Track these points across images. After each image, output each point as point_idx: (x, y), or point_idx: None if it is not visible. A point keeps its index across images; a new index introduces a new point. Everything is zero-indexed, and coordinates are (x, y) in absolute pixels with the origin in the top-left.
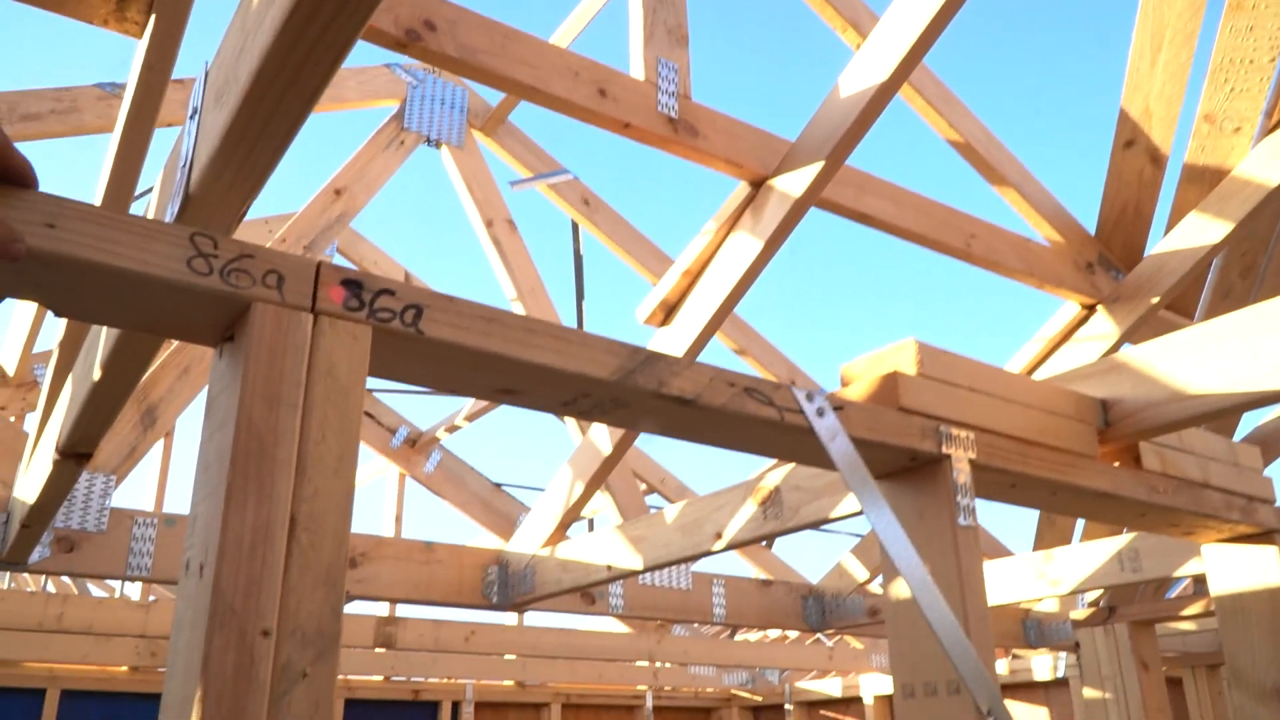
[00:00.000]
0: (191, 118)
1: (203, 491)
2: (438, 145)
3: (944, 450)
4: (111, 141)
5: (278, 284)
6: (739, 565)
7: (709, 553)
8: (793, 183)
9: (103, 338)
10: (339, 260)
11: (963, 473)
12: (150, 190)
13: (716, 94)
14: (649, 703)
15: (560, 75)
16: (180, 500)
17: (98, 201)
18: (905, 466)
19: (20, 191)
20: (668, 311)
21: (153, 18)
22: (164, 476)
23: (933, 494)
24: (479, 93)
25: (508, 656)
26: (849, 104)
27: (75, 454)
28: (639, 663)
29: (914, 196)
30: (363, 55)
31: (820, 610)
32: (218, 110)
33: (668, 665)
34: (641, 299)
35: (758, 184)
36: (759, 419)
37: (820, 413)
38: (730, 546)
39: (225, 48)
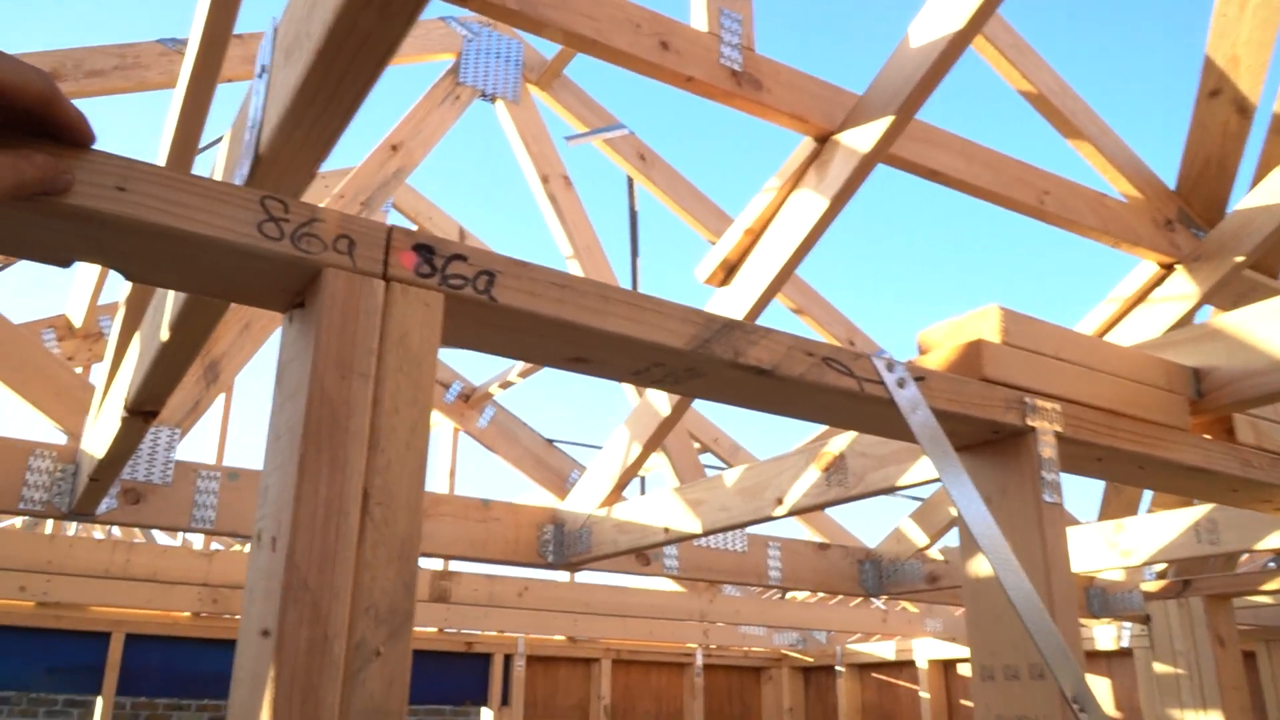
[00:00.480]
0: (260, 75)
1: (274, 462)
2: (493, 100)
3: (1028, 423)
4: (174, 98)
5: (349, 249)
6: (794, 528)
7: (769, 518)
8: (860, 138)
9: (170, 298)
10: (395, 217)
11: (1048, 446)
12: (217, 141)
13: (778, 47)
14: (699, 660)
15: (621, 28)
16: (240, 454)
17: (162, 160)
18: (986, 439)
19: (88, 154)
20: (728, 271)
21: None
22: (224, 430)
23: (1016, 469)
24: (534, 46)
25: (559, 612)
26: (920, 54)
27: (143, 411)
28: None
29: (985, 151)
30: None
31: (877, 575)
32: (288, 68)
33: (718, 624)
34: (699, 257)
35: (823, 139)
36: (838, 390)
37: (901, 383)
38: (792, 513)
39: (295, 2)
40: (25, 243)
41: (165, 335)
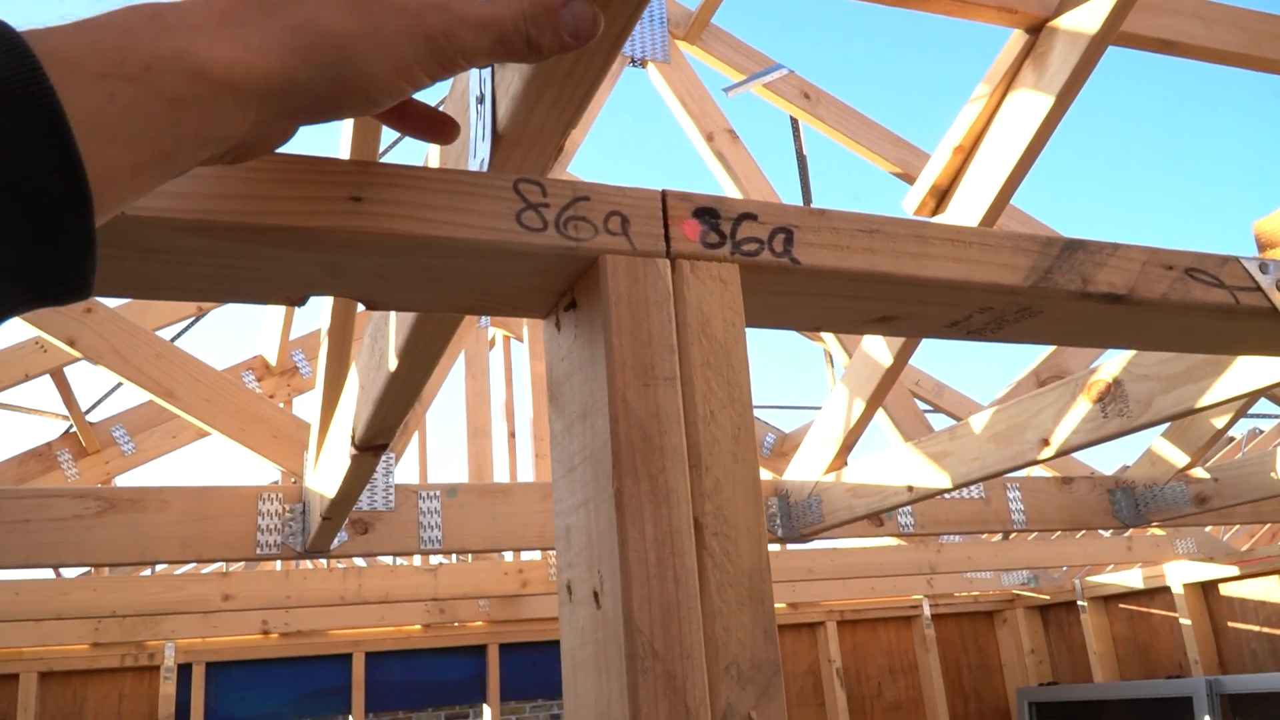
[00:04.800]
0: None
1: (573, 498)
2: (643, 64)
3: None
4: None
5: (622, 227)
6: None
7: (1034, 462)
8: (1084, 18)
9: (393, 323)
10: None
11: None
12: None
13: None
14: (927, 611)
15: None
16: (438, 476)
17: (345, 152)
18: None
19: (316, 163)
20: (939, 198)
21: None
22: (423, 446)
23: None
24: None
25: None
26: None
27: (373, 446)
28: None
29: (1223, 9)
30: None
31: (1132, 504)
32: None
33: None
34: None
35: (1036, 29)
36: (1206, 307)
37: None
38: (1062, 453)
39: None
40: (256, 283)
41: (393, 365)
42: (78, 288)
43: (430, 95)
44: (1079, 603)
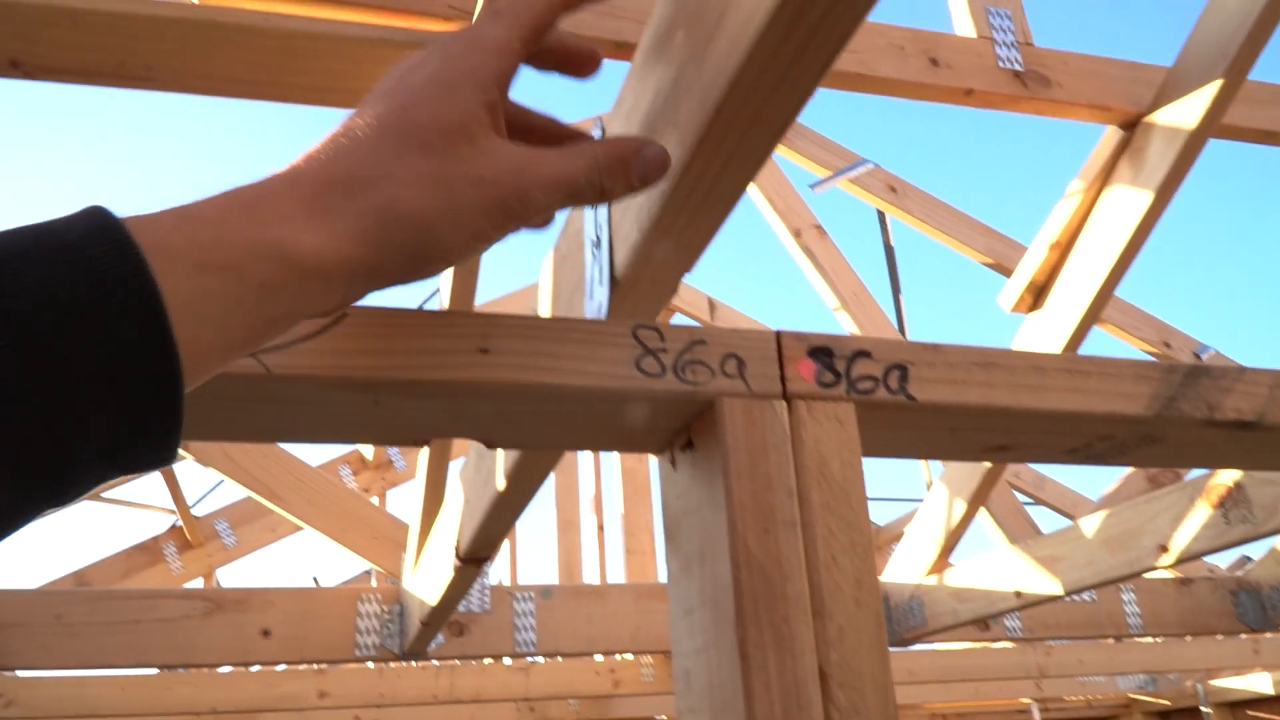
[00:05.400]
0: None
1: (693, 642)
2: None
3: None
4: None
5: (739, 370)
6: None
7: (1151, 569)
8: (1181, 113)
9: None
10: None
11: None
12: None
13: (1058, 34)
14: (1037, 716)
15: (885, 54)
16: (527, 570)
17: (445, 296)
18: None
19: (446, 316)
20: (1037, 294)
21: None
22: (514, 547)
23: None
24: None
25: None
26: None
27: (477, 559)
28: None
29: None
30: None
31: (1258, 605)
32: None
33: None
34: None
35: (1130, 125)
36: None
37: None
38: (1182, 560)
39: (636, 92)
40: (381, 429)
41: (501, 484)
42: (160, 461)
43: (541, 237)
44: (1203, 709)
